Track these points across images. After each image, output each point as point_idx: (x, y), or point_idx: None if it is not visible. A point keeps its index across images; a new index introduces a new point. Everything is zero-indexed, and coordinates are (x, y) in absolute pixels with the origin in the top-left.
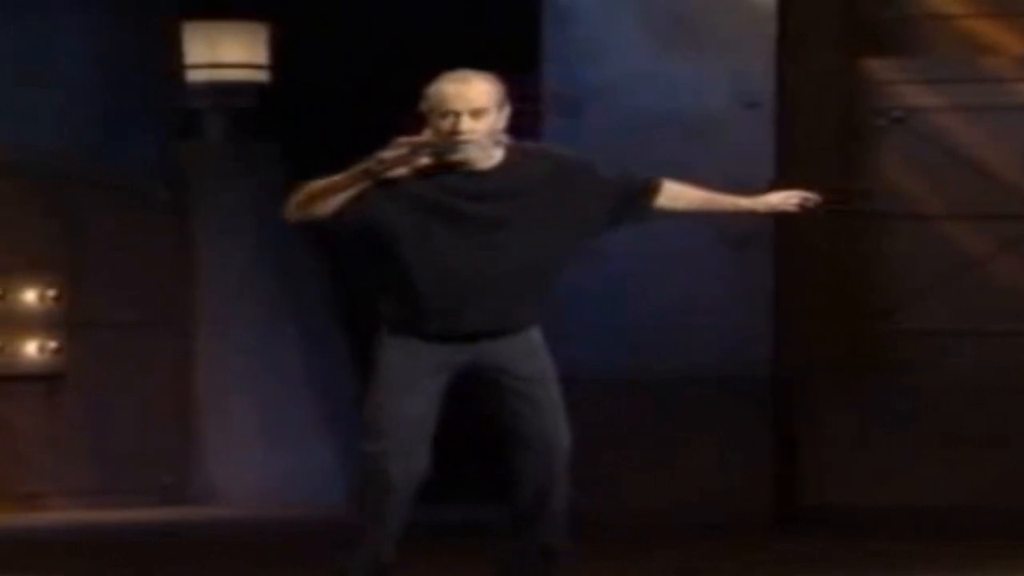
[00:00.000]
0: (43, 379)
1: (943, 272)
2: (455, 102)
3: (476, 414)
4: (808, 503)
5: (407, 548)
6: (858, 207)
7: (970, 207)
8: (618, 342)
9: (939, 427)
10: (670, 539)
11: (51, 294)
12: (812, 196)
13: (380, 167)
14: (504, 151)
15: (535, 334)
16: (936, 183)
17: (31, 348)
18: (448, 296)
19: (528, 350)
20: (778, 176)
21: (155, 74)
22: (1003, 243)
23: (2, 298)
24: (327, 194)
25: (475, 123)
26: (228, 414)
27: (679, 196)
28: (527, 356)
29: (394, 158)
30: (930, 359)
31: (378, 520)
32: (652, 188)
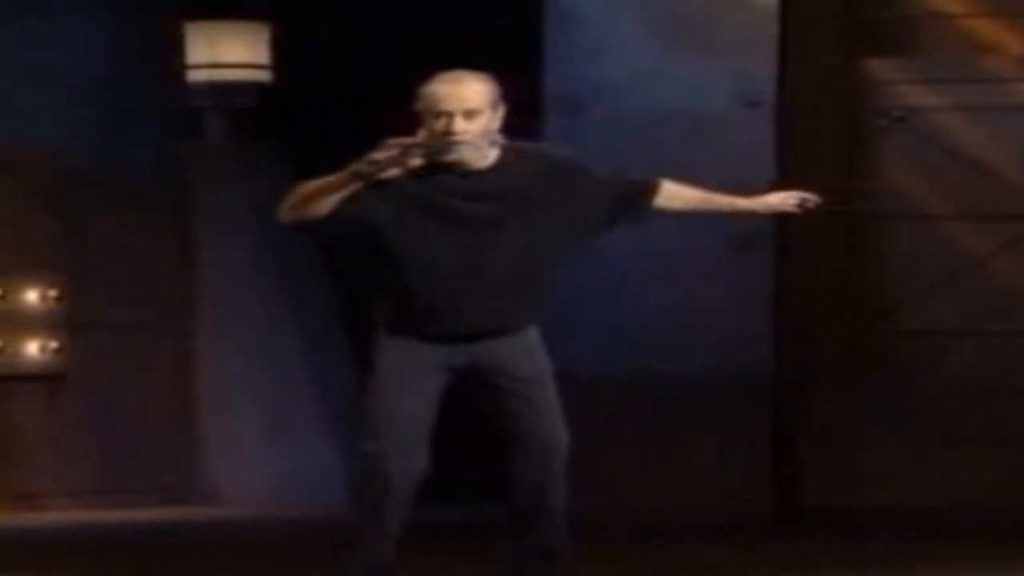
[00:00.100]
0: (44, 379)
1: (944, 272)
2: (448, 102)
3: (476, 414)
4: (808, 503)
5: (407, 548)
6: (858, 207)
7: (971, 207)
8: (618, 342)
9: (939, 427)
10: (670, 539)
11: (52, 294)
12: (812, 197)
13: (371, 169)
14: (499, 151)
15: (532, 334)
16: (937, 183)
17: (32, 348)
18: (443, 296)
19: (526, 350)
20: (779, 176)
21: (156, 74)
22: (1004, 243)
23: (3, 298)
24: (320, 195)
25: (468, 123)
26: (229, 414)
27: (676, 196)
28: (525, 356)
29: (385, 159)
30: (931, 359)
31: (378, 520)
32: (650, 188)
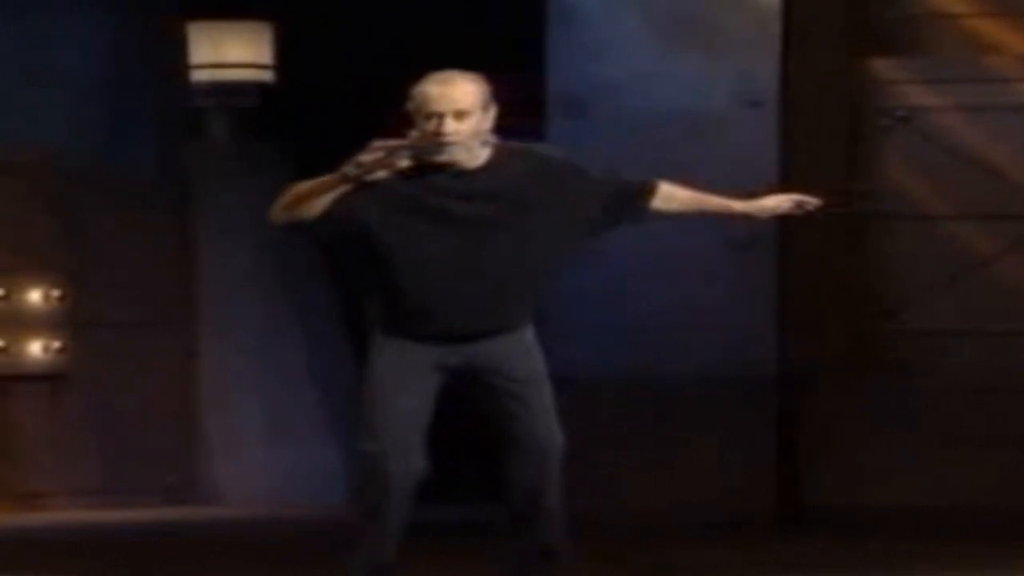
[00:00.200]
0: (46, 379)
1: (946, 272)
2: (439, 103)
3: (474, 414)
4: (809, 503)
5: (407, 548)
6: (859, 207)
7: (973, 207)
8: (618, 342)
9: (940, 427)
10: (670, 539)
11: (55, 294)
12: (810, 199)
13: (358, 171)
14: (491, 151)
15: (528, 334)
16: (940, 183)
17: (35, 348)
18: (437, 297)
19: (521, 351)
20: (781, 176)
21: (157, 74)
22: (1007, 243)
23: (6, 298)
24: (311, 197)
25: (459, 124)
26: (230, 414)
27: (673, 198)
28: (520, 357)
29: (371, 161)
30: (931, 359)
31: (378, 520)
32: (647, 190)
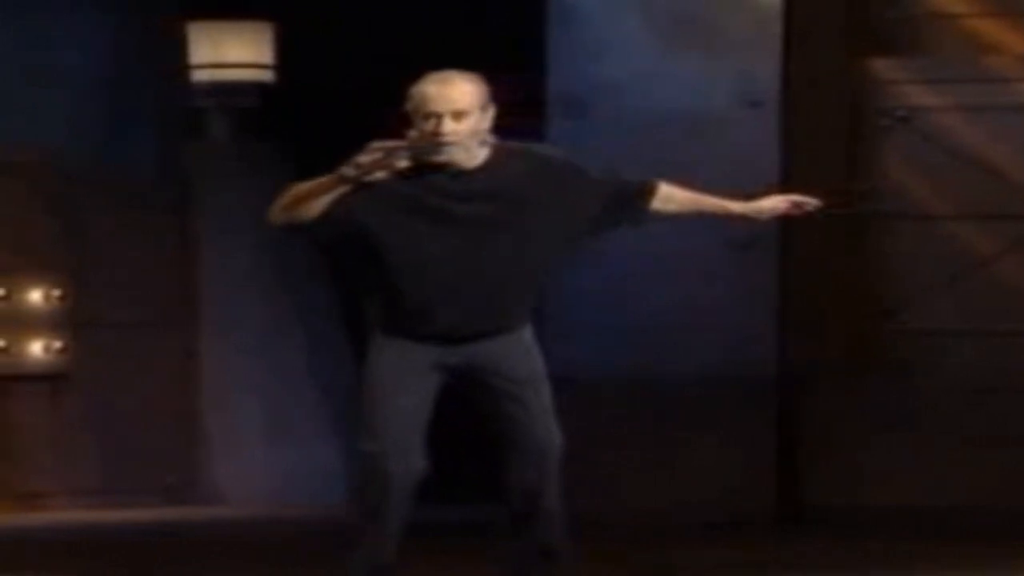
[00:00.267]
0: (46, 379)
1: (947, 272)
2: (437, 103)
3: (474, 414)
4: (809, 503)
5: (407, 548)
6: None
7: (974, 207)
8: (618, 342)
9: (940, 427)
10: (670, 539)
11: (56, 294)
12: (809, 200)
13: (356, 171)
14: (490, 151)
15: (527, 334)
16: (940, 183)
17: (36, 348)
18: (436, 297)
19: (521, 351)
20: (782, 176)
21: (158, 74)
22: (1007, 243)
23: (7, 298)
24: (310, 198)
25: (457, 124)
26: (230, 414)
27: (672, 199)
28: (520, 357)
29: (369, 162)
30: (933, 359)
31: (378, 520)
32: (647, 190)
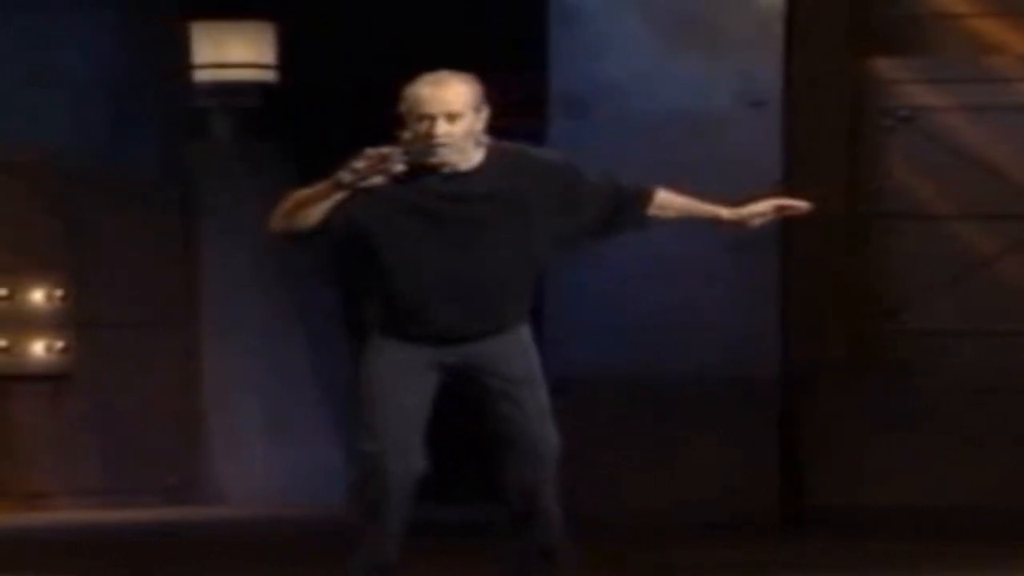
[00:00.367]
0: (48, 379)
1: (948, 272)
2: (430, 105)
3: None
4: (809, 503)
5: (407, 548)
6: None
7: (976, 207)
8: (618, 342)
9: (940, 427)
10: (670, 539)
11: (58, 294)
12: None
13: (352, 178)
14: (485, 152)
15: (525, 333)
16: (942, 183)
17: (38, 348)
18: (432, 298)
19: (519, 351)
20: (784, 176)
21: (159, 74)
22: (1009, 243)
23: (10, 298)
24: (308, 205)
25: (450, 126)
26: (232, 414)
27: (670, 205)
28: (518, 357)
29: (365, 168)
30: (933, 359)
31: (378, 520)
32: (645, 195)
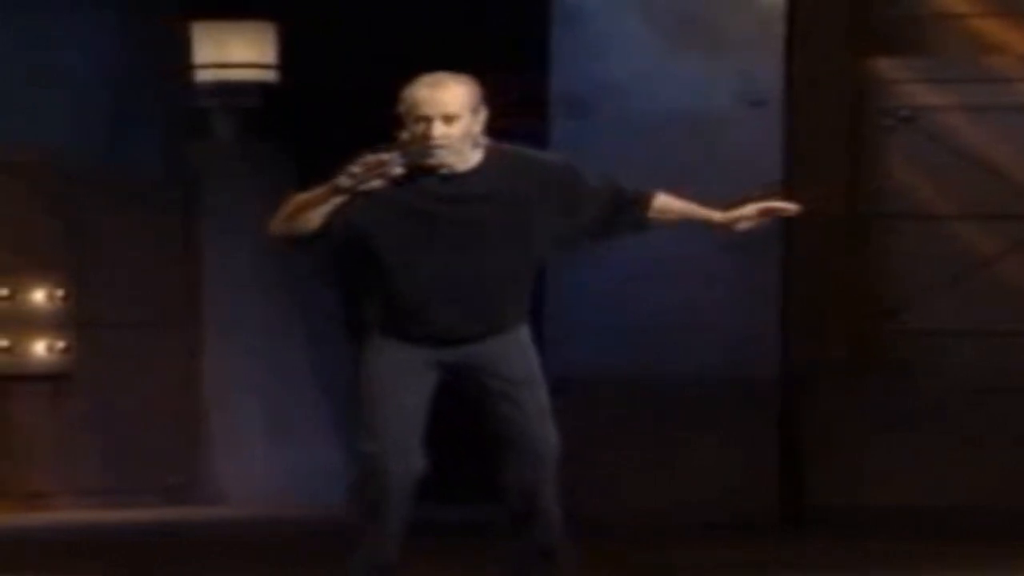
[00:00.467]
0: (48, 379)
1: (948, 272)
2: (428, 107)
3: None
4: (809, 503)
5: (407, 548)
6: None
7: (977, 207)
8: (618, 342)
9: (940, 427)
10: (670, 539)
11: (59, 294)
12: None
13: (351, 182)
14: (483, 153)
15: (524, 333)
16: (942, 183)
17: (39, 348)
18: (430, 300)
19: (518, 351)
20: (784, 176)
21: (161, 74)
22: (1009, 243)
23: (11, 298)
24: (307, 209)
25: (448, 128)
26: (232, 414)
27: (668, 209)
28: (517, 357)
29: (363, 172)
30: (933, 359)
31: (378, 520)
32: (644, 199)
